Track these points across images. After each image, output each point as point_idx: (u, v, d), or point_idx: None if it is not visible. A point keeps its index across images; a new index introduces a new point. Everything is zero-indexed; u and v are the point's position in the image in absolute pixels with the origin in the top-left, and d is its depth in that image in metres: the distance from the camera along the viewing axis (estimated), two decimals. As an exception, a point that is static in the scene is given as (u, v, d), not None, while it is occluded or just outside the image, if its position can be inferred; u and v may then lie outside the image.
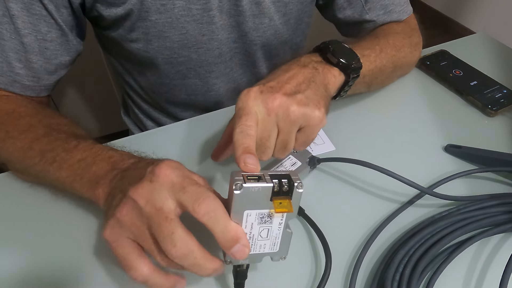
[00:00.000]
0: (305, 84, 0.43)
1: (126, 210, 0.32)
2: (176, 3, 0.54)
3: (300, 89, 0.42)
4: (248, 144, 0.36)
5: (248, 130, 0.37)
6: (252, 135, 0.37)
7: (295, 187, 0.32)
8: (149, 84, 0.68)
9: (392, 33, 0.61)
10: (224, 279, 0.41)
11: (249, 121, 0.38)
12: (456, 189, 0.50)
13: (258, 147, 0.40)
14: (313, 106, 0.41)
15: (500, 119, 0.60)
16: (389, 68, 0.58)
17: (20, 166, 0.46)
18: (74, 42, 0.54)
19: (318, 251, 0.43)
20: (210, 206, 0.30)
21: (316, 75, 0.45)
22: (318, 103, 0.42)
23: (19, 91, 0.52)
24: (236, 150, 0.35)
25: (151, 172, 0.33)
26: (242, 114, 0.39)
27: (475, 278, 0.41)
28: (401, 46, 0.59)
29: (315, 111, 0.41)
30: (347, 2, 0.64)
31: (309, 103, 0.41)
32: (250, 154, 0.34)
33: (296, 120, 0.40)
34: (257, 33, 0.62)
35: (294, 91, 0.41)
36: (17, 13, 0.47)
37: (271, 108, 0.39)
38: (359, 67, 0.48)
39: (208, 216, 0.30)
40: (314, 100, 0.41)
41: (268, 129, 0.40)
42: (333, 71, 0.47)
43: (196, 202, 0.30)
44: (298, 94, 0.41)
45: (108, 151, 0.41)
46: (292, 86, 0.42)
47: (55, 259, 0.42)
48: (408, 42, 0.62)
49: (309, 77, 0.44)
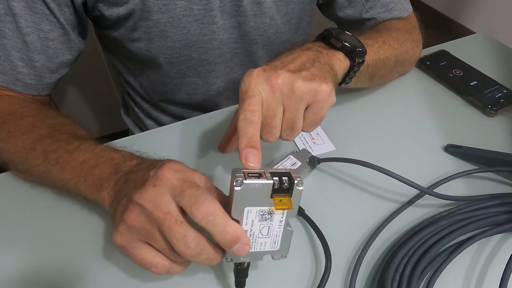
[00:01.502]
0: (310, 63, 0.42)
1: (134, 215, 0.33)
2: (178, 3, 0.54)
3: (304, 67, 0.41)
4: (252, 134, 0.35)
5: (252, 117, 0.36)
6: (256, 122, 0.36)
7: (295, 185, 0.32)
8: (149, 83, 0.68)
9: (394, 28, 0.61)
10: (225, 277, 0.41)
11: (252, 105, 0.37)
12: (456, 189, 0.50)
13: (263, 127, 0.39)
14: (319, 81, 0.39)
15: (500, 119, 0.60)
16: (391, 61, 0.57)
17: (23, 167, 0.46)
18: (76, 41, 0.54)
19: (318, 251, 0.43)
20: (208, 209, 0.30)
21: (321, 56, 0.44)
22: (325, 78, 0.40)
23: (21, 90, 0.52)
24: (240, 141, 0.35)
25: (153, 175, 0.33)
26: (245, 98, 0.38)
27: (475, 278, 0.42)
28: (403, 40, 0.59)
29: (322, 84, 0.39)
30: (347, 1, 0.64)
31: (315, 78, 0.39)
32: (253, 149, 0.34)
33: (302, 96, 0.39)
34: (258, 32, 0.62)
35: (298, 68, 0.40)
36: (20, 12, 0.48)
37: (275, 85, 0.38)
38: (364, 52, 0.47)
39: (206, 219, 0.30)
40: (320, 76, 0.40)
41: (272, 108, 0.39)
42: (337, 55, 0.46)
43: (194, 206, 0.30)
44: (303, 71, 0.40)
45: (110, 153, 0.41)
46: (296, 65, 0.41)
47: (57, 260, 0.42)
48: (410, 38, 0.62)
49: (313, 58, 0.43)
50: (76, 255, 0.42)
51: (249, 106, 0.37)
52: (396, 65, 0.60)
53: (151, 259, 0.34)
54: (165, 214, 0.31)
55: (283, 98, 0.39)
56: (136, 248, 0.34)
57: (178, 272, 0.35)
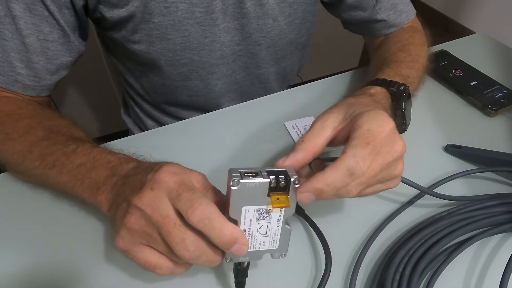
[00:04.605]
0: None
1: (134, 219, 0.33)
2: (179, 6, 0.54)
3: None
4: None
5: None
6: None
7: (292, 182, 0.32)
8: (150, 84, 0.68)
9: (412, 45, 0.62)
10: (225, 277, 0.41)
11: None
12: (456, 189, 0.50)
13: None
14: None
15: (500, 119, 0.60)
16: (421, 79, 0.60)
17: (20, 169, 0.46)
18: (76, 43, 0.54)
19: (318, 251, 0.43)
20: (203, 213, 0.30)
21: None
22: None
23: (20, 91, 0.52)
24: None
25: (151, 179, 0.33)
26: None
27: (475, 278, 0.42)
28: (423, 56, 0.61)
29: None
30: (357, 2, 0.64)
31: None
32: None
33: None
34: (261, 34, 0.62)
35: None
36: (19, 14, 0.47)
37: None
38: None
39: (202, 223, 0.30)
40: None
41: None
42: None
43: (189, 210, 0.31)
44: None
45: (107, 156, 0.41)
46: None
47: (56, 260, 0.42)
48: (425, 49, 0.63)
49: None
50: (76, 255, 0.42)
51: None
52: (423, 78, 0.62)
53: (155, 261, 0.34)
54: (164, 218, 0.32)
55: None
56: (138, 251, 0.34)
57: (182, 272, 0.36)
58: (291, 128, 0.58)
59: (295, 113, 0.60)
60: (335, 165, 0.33)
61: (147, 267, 0.34)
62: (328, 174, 0.33)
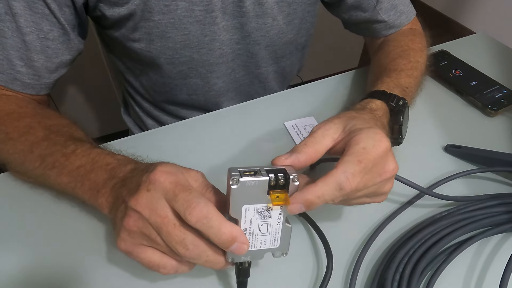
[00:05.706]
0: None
1: (132, 221, 0.33)
2: (179, 4, 0.54)
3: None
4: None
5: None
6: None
7: (291, 180, 0.32)
8: (150, 83, 0.68)
9: (412, 50, 0.62)
10: (227, 277, 0.41)
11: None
12: (456, 189, 0.50)
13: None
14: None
15: (500, 119, 0.60)
16: (419, 87, 0.59)
17: (21, 169, 0.46)
18: (76, 41, 0.54)
19: (319, 251, 0.43)
20: (201, 213, 0.30)
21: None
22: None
23: (19, 89, 0.52)
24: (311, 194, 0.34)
25: (146, 180, 0.33)
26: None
27: (475, 278, 0.42)
28: (422, 62, 0.61)
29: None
30: (358, 2, 0.64)
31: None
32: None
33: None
34: (261, 33, 0.62)
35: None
36: (20, 12, 0.47)
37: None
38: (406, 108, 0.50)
39: (200, 223, 0.31)
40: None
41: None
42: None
43: (187, 210, 0.31)
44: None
45: (105, 157, 0.41)
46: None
47: (57, 260, 0.42)
48: (424, 54, 0.63)
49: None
50: (77, 256, 0.42)
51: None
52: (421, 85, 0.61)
53: (158, 260, 0.34)
54: (163, 219, 0.32)
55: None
56: (141, 252, 0.34)
57: (186, 271, 0.36)
58: (291, 128, 0.58)
59: (295, 113, 0.60)
60: (326, 178, 0.34)
61: (151, 267, 0.35)
62: (319, 187, 0.34)
